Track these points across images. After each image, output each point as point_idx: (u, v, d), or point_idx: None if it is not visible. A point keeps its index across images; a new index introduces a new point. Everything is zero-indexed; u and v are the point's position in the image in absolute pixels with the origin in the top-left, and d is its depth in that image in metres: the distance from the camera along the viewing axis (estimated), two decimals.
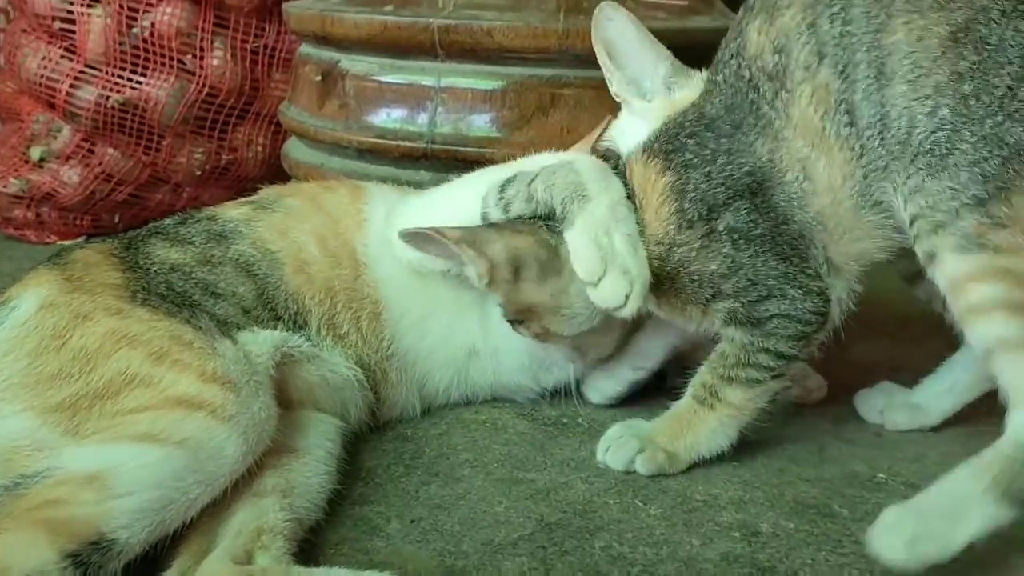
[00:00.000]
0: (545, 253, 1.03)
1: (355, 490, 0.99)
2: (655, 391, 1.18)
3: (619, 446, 1.05)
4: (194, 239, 1.08)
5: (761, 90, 0.96)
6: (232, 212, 1.14)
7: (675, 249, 1.00)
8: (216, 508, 0.86)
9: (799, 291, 0.97)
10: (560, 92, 1.34)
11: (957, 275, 0.88)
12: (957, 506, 0.80)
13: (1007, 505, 0.79)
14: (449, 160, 1.37)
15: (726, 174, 0.98)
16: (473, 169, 1.20)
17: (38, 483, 0.81)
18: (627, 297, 0.97)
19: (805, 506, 0.99)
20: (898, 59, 0.90)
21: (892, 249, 0.98)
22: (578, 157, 1.07)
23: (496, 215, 1.06)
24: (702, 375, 1.04)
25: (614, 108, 1.19)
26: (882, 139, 0.92)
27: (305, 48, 1.56)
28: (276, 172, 1.73)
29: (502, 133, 1.34)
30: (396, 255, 1.09)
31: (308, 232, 1.11)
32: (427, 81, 1.37)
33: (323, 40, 1.48)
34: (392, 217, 1.12)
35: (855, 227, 0.97)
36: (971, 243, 0.87)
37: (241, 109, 1.80)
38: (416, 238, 1.04)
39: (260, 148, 1.85)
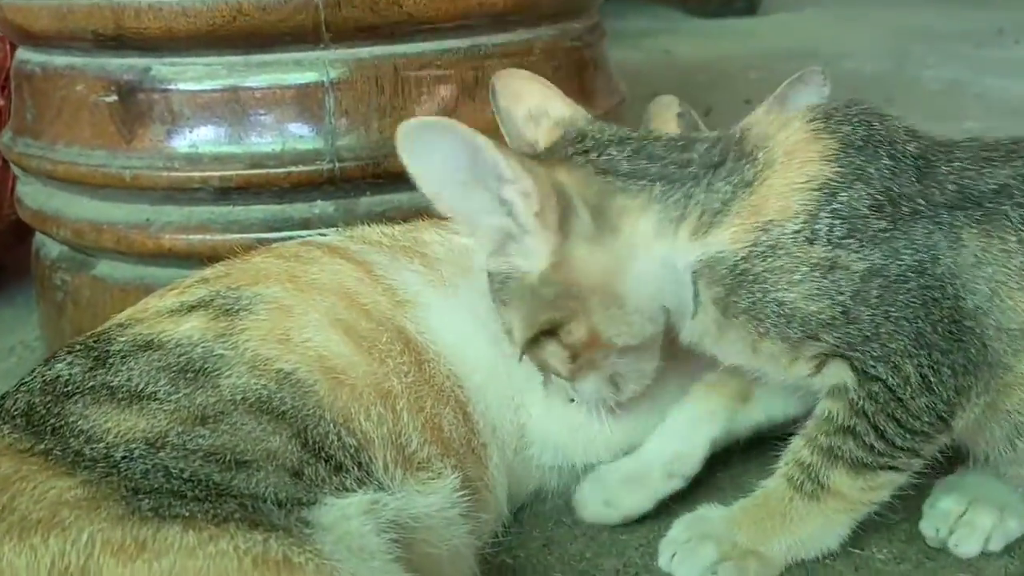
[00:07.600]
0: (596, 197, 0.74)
1: None
2: None
3: (690, 553, 0.78)
4: (154, 389, 0.66)
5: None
6: (176, 329, 0.72)
7: (775, 253, 0.72)
8: None
9: (918, 375, 0.71)
10: (484, 64, 1.05)
11: None
12: None
13: None
14: (363, 181, 1.02)
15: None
16: (397, 189, 0.97)
17: None
18: None
19: None
20: None
21: None
22: None
23: None
24: (797, 450, 0.77)
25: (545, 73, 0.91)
26: None
27: (62, 58, 1.07)
28: None
29: None
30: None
31: (321, 325, 0.73)
32: (311, 77, 1.00)
33: (115, 42, 1.00)
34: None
35: None
36: None
37: None
38: None
39: None
